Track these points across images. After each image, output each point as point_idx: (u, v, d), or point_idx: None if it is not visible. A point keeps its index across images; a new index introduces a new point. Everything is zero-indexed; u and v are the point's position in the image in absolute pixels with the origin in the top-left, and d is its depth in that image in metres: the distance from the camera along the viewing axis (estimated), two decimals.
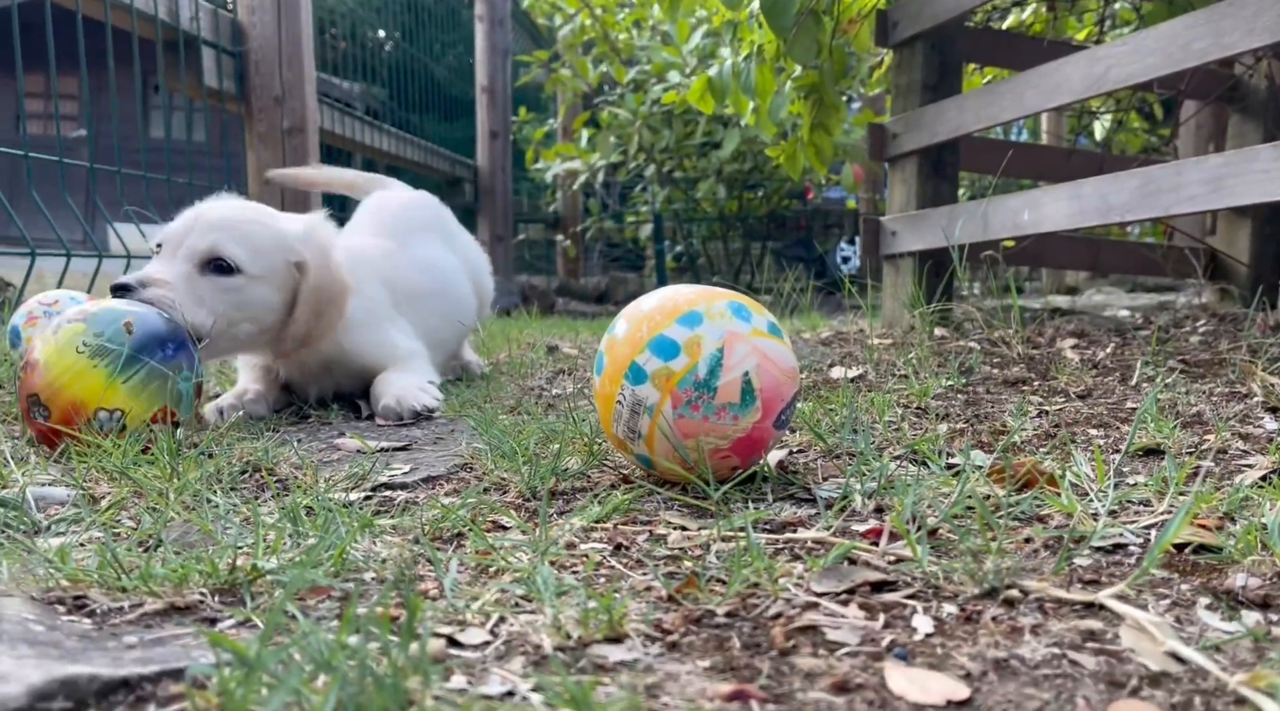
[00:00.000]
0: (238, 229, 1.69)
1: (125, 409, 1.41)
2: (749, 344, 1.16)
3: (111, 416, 1.40)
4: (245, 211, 1.76)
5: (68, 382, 1.40)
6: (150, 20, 3.15)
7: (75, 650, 0.65)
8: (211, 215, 1.70)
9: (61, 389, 1.39)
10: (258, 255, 1.70)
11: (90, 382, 1.40)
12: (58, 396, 1.39)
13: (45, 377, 1.40)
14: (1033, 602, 0.78)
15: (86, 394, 1.40)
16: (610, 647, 0.71)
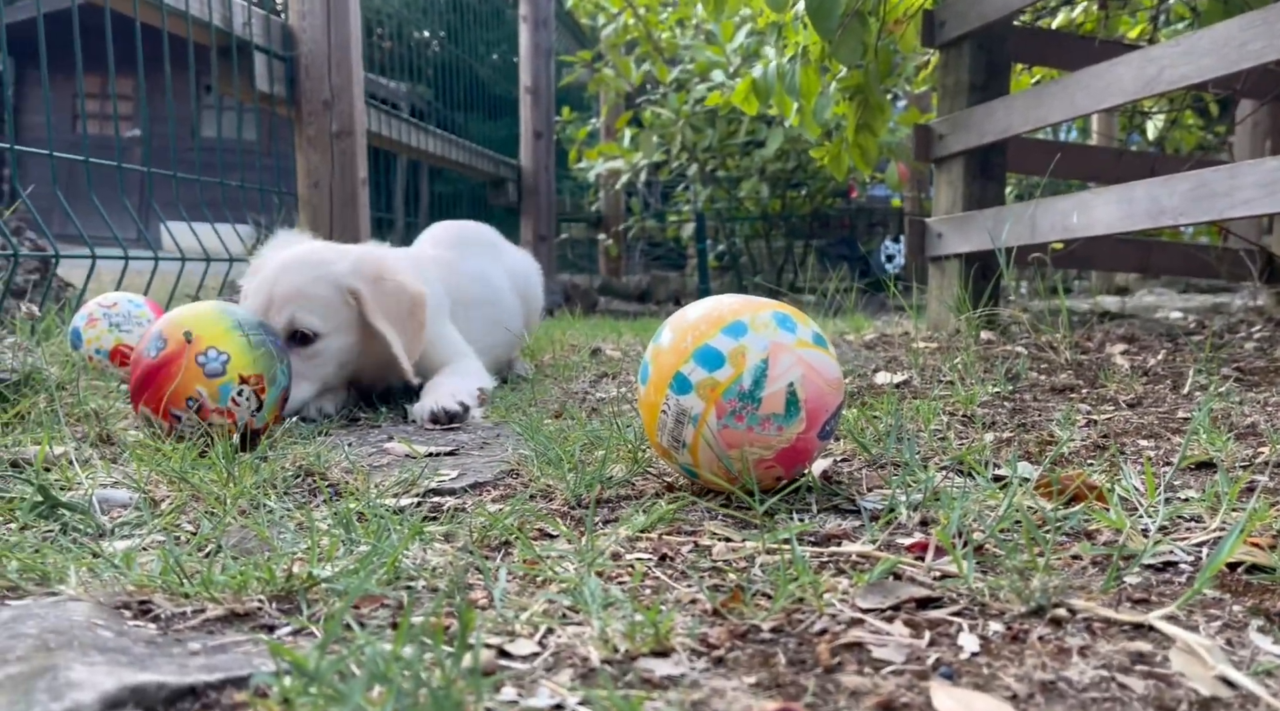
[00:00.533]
0: (306, 295, 1.86)
1: (232, 355, 1.55)
2: (794, 354, 1.16)
3: (219, 356, 1.54)
4: (305, 269, 1.90)
5: (192, 321, 1.57)
6: (205, 26, 3.21)
7: (143, 656, 0.68)
8: (282, 288, 1.86)
9: (184, 324, 1.56)
10: (327, 313, 1.87)
11: (211, 324, 1.58)
12: (178, 330, 1.55)
13: (173, 319, 1.58)
14: (1080, 622, 0.77)
15: (205, 330, 1.56)
16: (657, 661, 0.72)
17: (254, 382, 1.57)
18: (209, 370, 1.53)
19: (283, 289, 1.86)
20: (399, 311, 1.93)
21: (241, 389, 1.55)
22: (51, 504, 1.08)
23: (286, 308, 1.86)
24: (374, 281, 1.92)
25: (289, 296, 1.86)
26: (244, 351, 1.57)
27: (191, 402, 1.50)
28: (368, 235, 3.71)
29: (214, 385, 1.52)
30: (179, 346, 1.53)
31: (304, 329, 1.86)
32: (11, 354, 1.75)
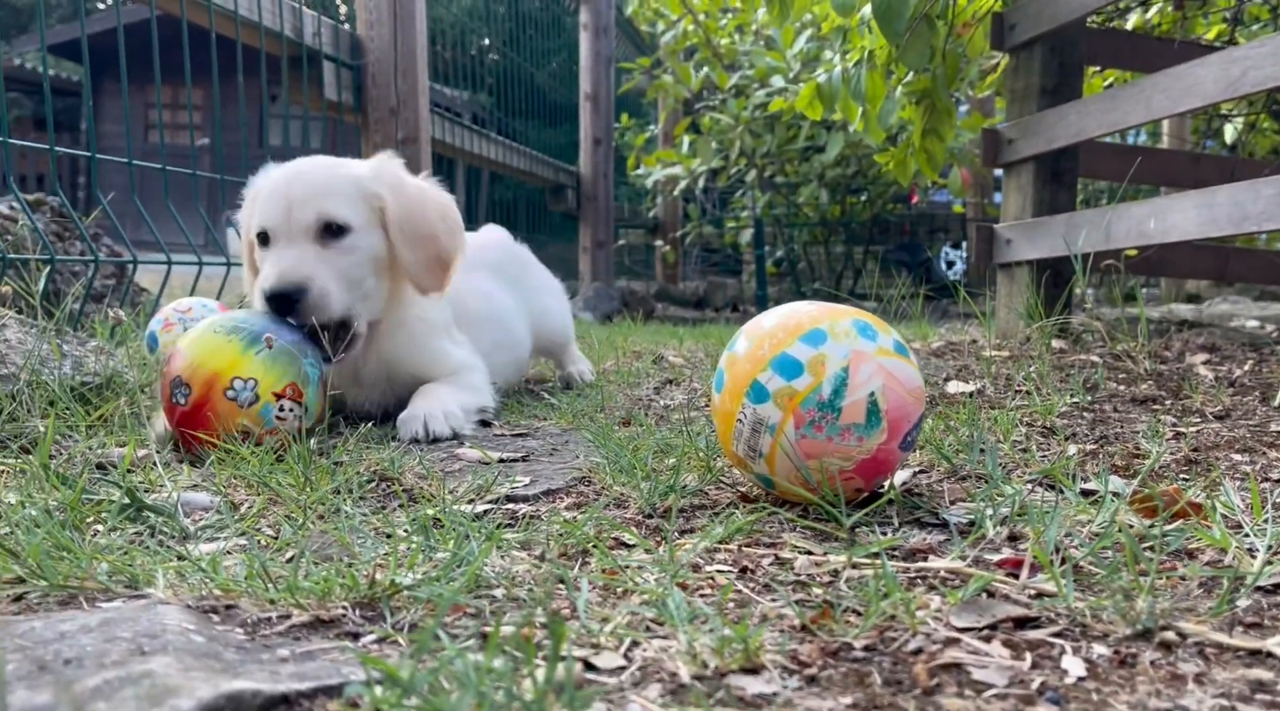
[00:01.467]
0: (331, 187, 1.73)
1: (258, 378, 1.53)
2: (875, 363, 1.13)
3: (246, 385, 1.52)
4: (321, 167, 1.78)
5: (205, 358, 1.53)
6: (276, 36, 3.27)
7: (235, 662, 0.68)
8: (303, 184, 1.73)
9: (200, 364, 1.53)
10: (355, 204, 1.74)
11: (226, 354, 1.53)
12: (197, 372, 1.52)
13: (186, 358, 1.54)
14: (1192, 647, 0.74)
15: (222, 364, 1.52)
16: (747, 678, 0.70)
17: (290, 393, 1.55)
18: (242, 401, 1.51)
19: (303, 186, 1.72)
20: (425, 221, 1.80)
21: (281, 404, 1.54)
22: (138, 507, 1.09)
23: (311, 203, 1.71)
24: (396, 188, 1.80)
25: (313, 191, 1.72)
26: (267, 368, 1.53)
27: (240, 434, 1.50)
28: None
29: (253, 413, 1.52)
30: (205, 389, 1.50)
31: (336, 220, 1.72)
32: (94, 357, 1.79)
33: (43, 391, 1.58)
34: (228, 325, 1.57)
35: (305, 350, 1.62)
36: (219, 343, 1.54)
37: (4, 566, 0.89)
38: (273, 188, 1.75)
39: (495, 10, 7.47)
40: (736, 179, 7.96)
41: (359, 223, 1.74)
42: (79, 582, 0.88)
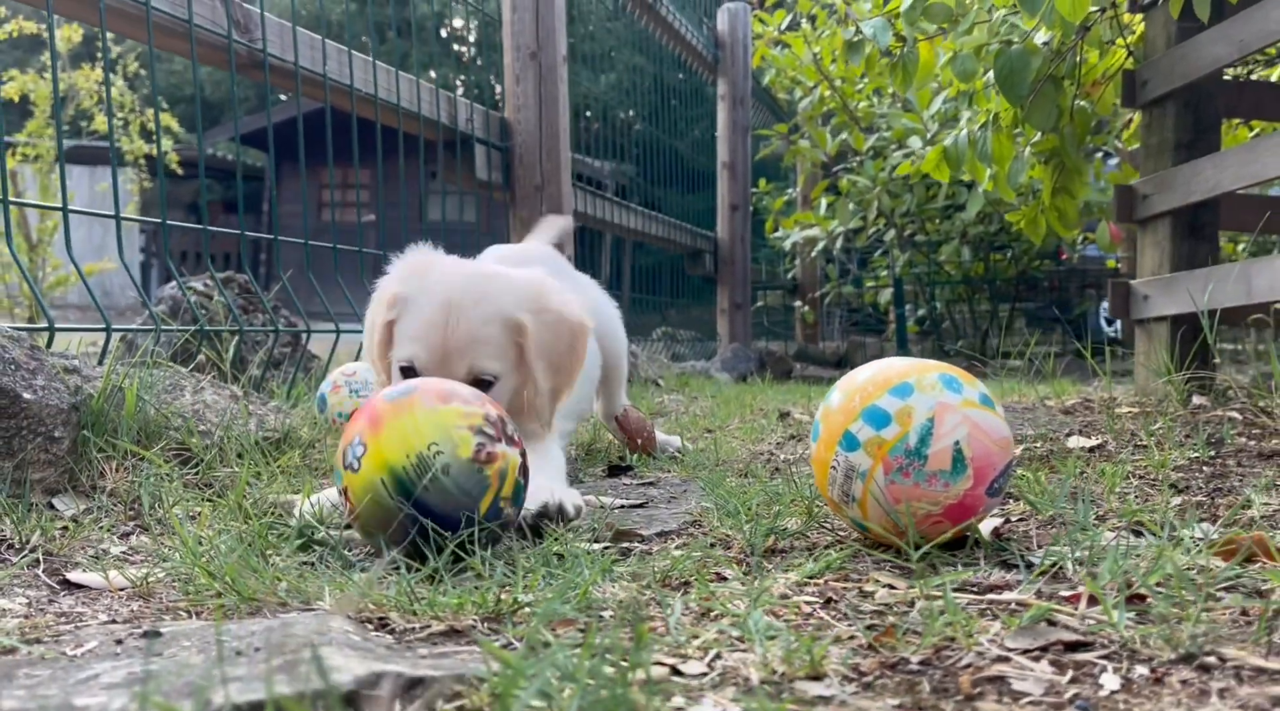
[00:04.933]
0: (482, 338, 1.66)
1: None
2: (960, 414, 1.22)
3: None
4: (477, 308, 1.68)
5: (426, 430, 1.27)
6: (434, 125, 3.60)
7: (384, 655, 0.83)
8: (460, 332, 1.65)
9: (413, 438, 1.27)
10: (502, 354, 1.68)
11: (438, 429, 1.27)
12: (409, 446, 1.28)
13: (397, 430, 1.26)
14: (1229, 669, 0.80)
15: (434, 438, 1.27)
16: (810, 684, 0.81)
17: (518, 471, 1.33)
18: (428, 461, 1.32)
19: (460, 336, 1.65)
20: (556, 348, 1.73)
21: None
22: (309, 541, 1.28)
23: (466, 357, 1.65)
24: (537, 313, 1.71)
25: (468, 343, 1.65)
26: (468, 444, 1.26)
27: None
28: None
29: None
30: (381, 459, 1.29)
31: (486, 376, 1.67)
32: (273, 416, 2.04)
33: (233, 445, 1.82)
34: (422, 400, 1.37)
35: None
36: (421, 422, 1.27)
37: (208, 583, 1.09)
38: (427, 323, 1.67)
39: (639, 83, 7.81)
40: (875, 239, 7.98)
41: (505, 369, 1.68)
42: (264, 597, 1.06)
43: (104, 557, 1.27)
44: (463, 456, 1.22)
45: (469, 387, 1.38)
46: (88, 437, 1.57)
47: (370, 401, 1.32)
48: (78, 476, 1.54)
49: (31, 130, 9.68)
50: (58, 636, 0.95)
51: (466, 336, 1.65)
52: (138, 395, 1.71)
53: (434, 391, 1.30)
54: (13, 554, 1.27)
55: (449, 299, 1.68)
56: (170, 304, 3.06)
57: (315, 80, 3.01)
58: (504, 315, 1.69)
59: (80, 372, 1.69)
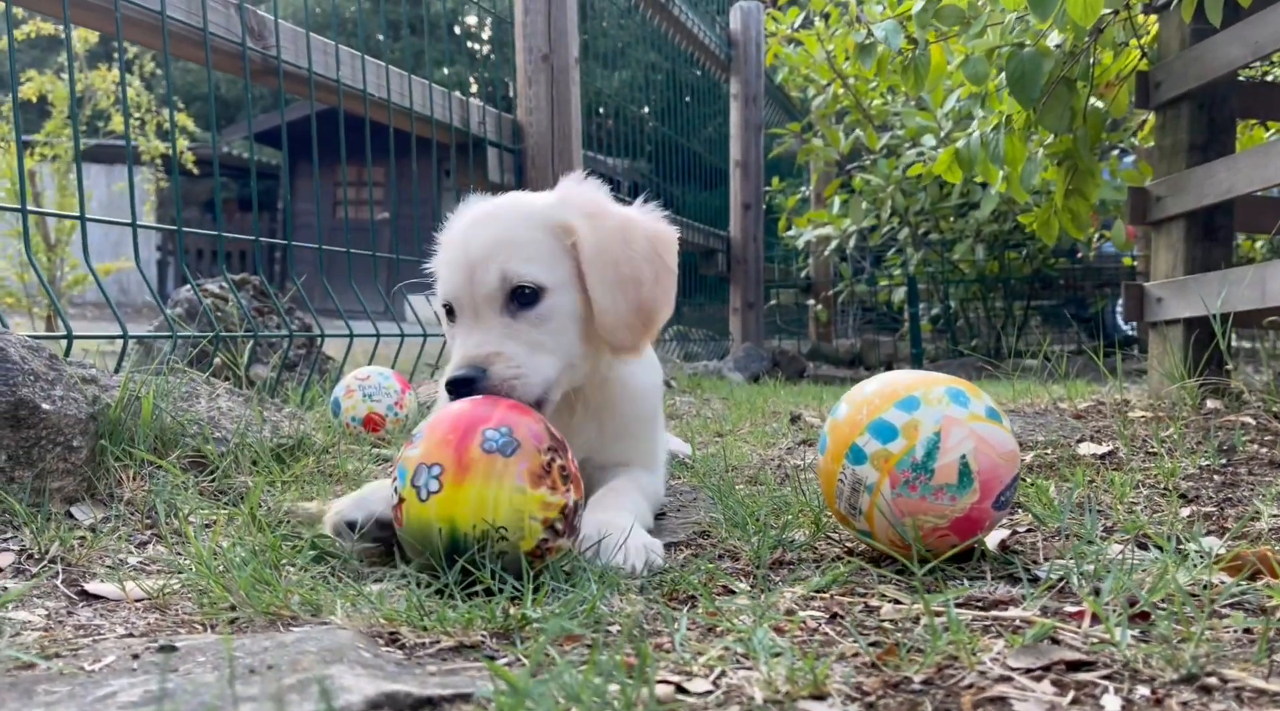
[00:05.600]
0: (514, 236, 1.43)
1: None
2: (966, 428, 1.23)
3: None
4: (503, 209, 1.48)
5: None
6: (447, 128, 3.61)
7: (394, 672, 0.84)
8: (483, 238, 1.43)
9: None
10: (546, 254, 1.43)
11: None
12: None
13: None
14: (1230, 691, 0.81)
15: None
16: (813, 703, 0.82)
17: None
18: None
19: (482, 242, 1.42)
20: (628, 255, 1.44)
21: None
22: (322, 553, 1.30)
23: (492, 263, 1.40)
24: (592, 216, 1.45)
25: (493, 246, 1.41)
26: (534, 539, 1.19)
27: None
28: None
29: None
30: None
31: (525, 282, 1.39)
32: (288, 422, 2.06)
33: (248, 452, 1.84)
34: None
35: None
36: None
37: (222, 596, 1.11)
38: (449, 244, 1.48)
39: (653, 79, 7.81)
40: (889, 237, 7.96)
41: (554, 280, 1.42)
42: (277, 610, 1.08)
43: (121, 568, 1.29)
44: (523, 549, 1.17)
45: (568, 457, 1.23)
46: (105, 446, 1.60)
47: (476, 421, 1.20)
48: (95, 485, 1.56)
49: (49, 130, 9.75)
50: (76, 650, 0.96)
51: (492, 239, 1.42)
52: (154, 403, 1.73)
53: (529, 468, 1.18)
54: (32, 564, 1.29)
55: (476, 214, 1.49)
56: (186, 306, 3.09)
57: (329, 86, 3.03)
58: (544, 216, 1.45)
59: (98, 382, 1.71)
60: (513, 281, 1.40)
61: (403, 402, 2.54)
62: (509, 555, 1.16)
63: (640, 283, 1.45)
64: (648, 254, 1.47)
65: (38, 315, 9.65)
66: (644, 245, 1.47)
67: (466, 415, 1.22)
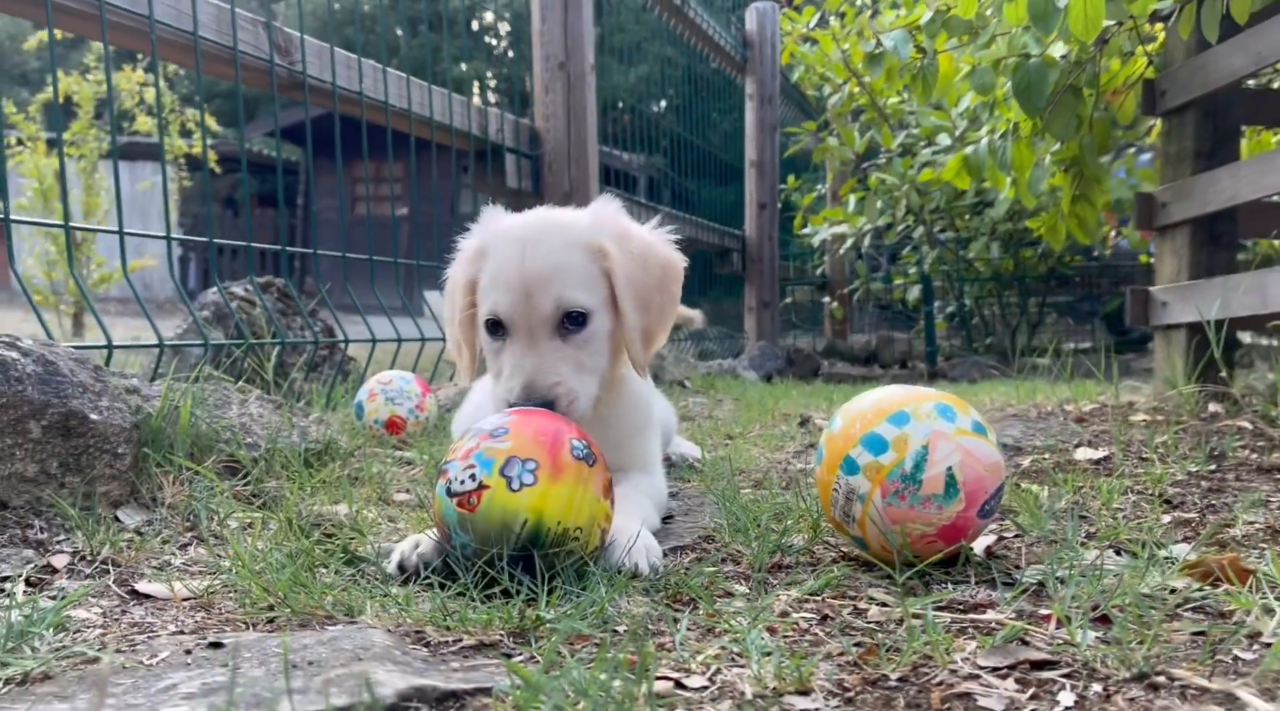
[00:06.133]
0: (568, 265, 1.53)
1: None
2: (953, 442, 1.31)
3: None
4: (554, 233, 1.56)
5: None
6: (466, 135, 3.71)
7: (421, 668, 0.94)
8: (540, 264, 1.52)
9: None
10: (591, 280, 1.55)
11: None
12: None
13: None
14: (1176, 689, 0.89)
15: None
16: (798, 698, 0.91)
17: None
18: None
19: (540, 267, 1.51)
20: (645, 282, 1.57)
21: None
22: (352, 557, 1.40)
23: (550, 288, 1.51)
24: (620, 238, 1.57)
25: (550, 272, 1.51)
26: (596, 540, 1.33)
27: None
28: None
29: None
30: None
31: (577, 308, 1.52)
32: (315, 427, 2.16)
33: (278, 457, 1.95)
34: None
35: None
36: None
37: (262, 596, 1.21)
38: (503, 263, 1.55)
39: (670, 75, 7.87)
40: (904, 235, 8.01)
41: (596, 302, 1.54)
42: (312, 610, 1.18)
43: (167, 569, 1.39)
44: (588, 548, 1.29)
45: (606, 475, 1.35)
46: (147, 453, 1.70)
47: (561, 430, 1.32)
48: (139, 489, 1.66)
49: (75, 130, 9.92)
50: (133, 645, 1.06)
51: (547, 266, 1.52)
52: (191, 411, 1.84)
53: (602, 480, 1.33)
54: (84, 565, 1.39)
55: (525, 235, 1.56)
56: (213, 309, 3.21)
57: (352, 98, 3.13)
58: (584, 240, 1.55)
59: (140, 392, 1.82)
60: (565, 307, 1.52)
61: (424, 405, 2.65)
62: (577, 555, 1.27)
63: (649, 309, 1.59)
64: (659, 282, 1.61)
65: (64, 311, 9.84)
66: (657, 273, 1.61)
67: (549, 423, 1.34)
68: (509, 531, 1.24)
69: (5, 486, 1.48)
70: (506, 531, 1.24)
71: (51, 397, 1.53)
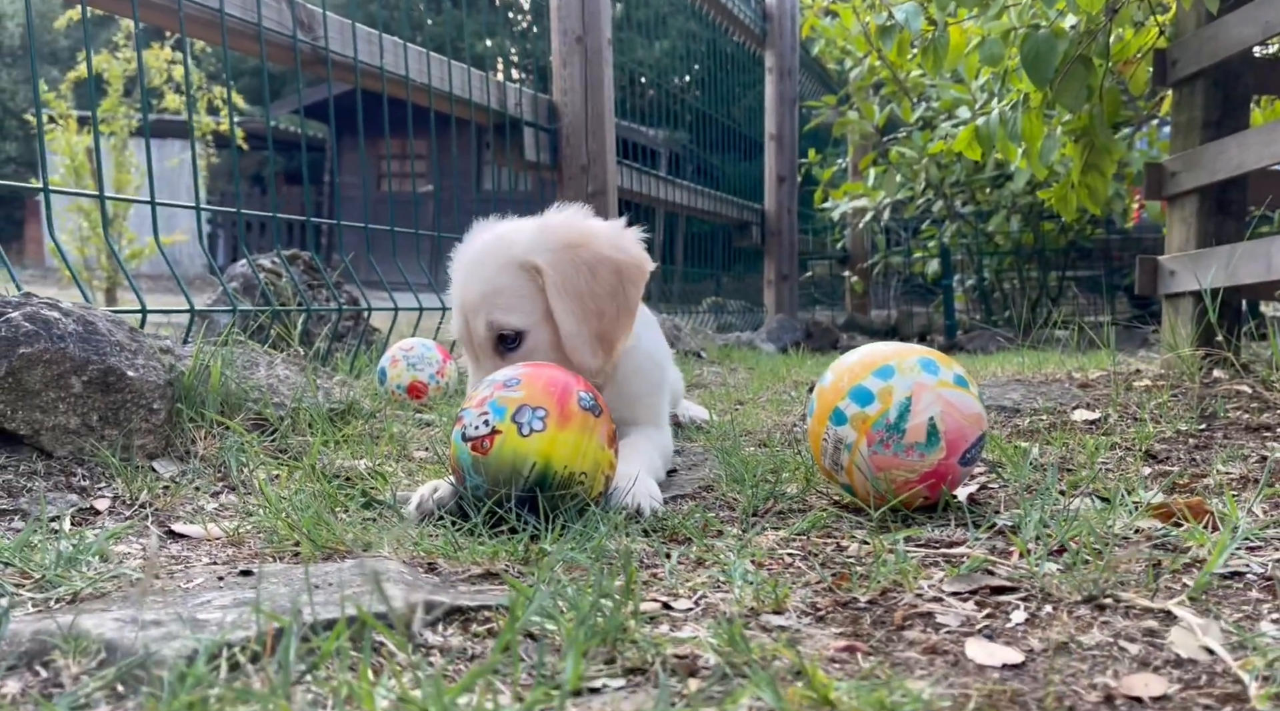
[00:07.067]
0: (497, 286, 1.62)
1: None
2: (934, 393, 1.39)
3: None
4: (489, 257, 1.65)
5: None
6: (485, 110, 3.79)
7: (431, 590, 1.03)
8: (473, 290, 1.64)
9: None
10: (523, 297, 1.62)
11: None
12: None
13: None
14: (1121, 608, 0.97)
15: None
16: (775, 617, 0.99)
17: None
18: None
19: (473, 291, 1.64)
20: (592, 289, 1.60)
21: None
22: (371, 501, 1.49)
23: (481, 312, 1.62)
24: (562, 250, 1.61)
25: (482, 297, 1.63)
26: (599, 486, 1.43)
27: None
28: None
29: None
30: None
31: (506, 330, 1.62)
32: (339, 389, 2.26)
33: (304, 415, 2.05)
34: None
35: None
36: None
37: (288, 534, 1.30)
38: (454, 288, 1.70)
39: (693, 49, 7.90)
40: (924, 209, 8.02)
41: (530, 321, 1.62)
42: (333, 546, 1.27)
43: (200, 513, 1.49)
44: (591, 493, 1.40)
45: (611, 426, 1.45)
46: (181, 409, 1.81)
47: (569, 383, 1.41)
48: (173, 443, 1.77)
49: (105, 108, 10.08)
50: (171, 574, 1.17)
51: (479, 291, 1.62)
52: (221, 371, 1.94)
53: (607, 431, 1.43)
54: (124, 508, 1.50)
55: (468, 260, 1.67)
56: (242, 281, 3.32)
57: (373, 73, 3.22)
58: (517, 260, 1.62)
59: (173, 352, 1.92)
60: (497, 329, 1.63)
61: (444, 371, 2.74)
62: (579, 497, 1.38)
63: (602, 315, 1.64)
64: (612, 288, 1.65)
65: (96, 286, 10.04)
66: (610, 280, 1.64)
67: (559, 376, 1.43)
68: (518, 474, 1.34)
69: (50, 437, 1.58)
70: (516, 473, 1.34)
71: (91, 355, 1.63)
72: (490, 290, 1.63)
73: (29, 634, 0.85)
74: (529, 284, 1.63)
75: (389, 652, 0.88)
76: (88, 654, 0.81)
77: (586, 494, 1.39)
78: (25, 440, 1.57)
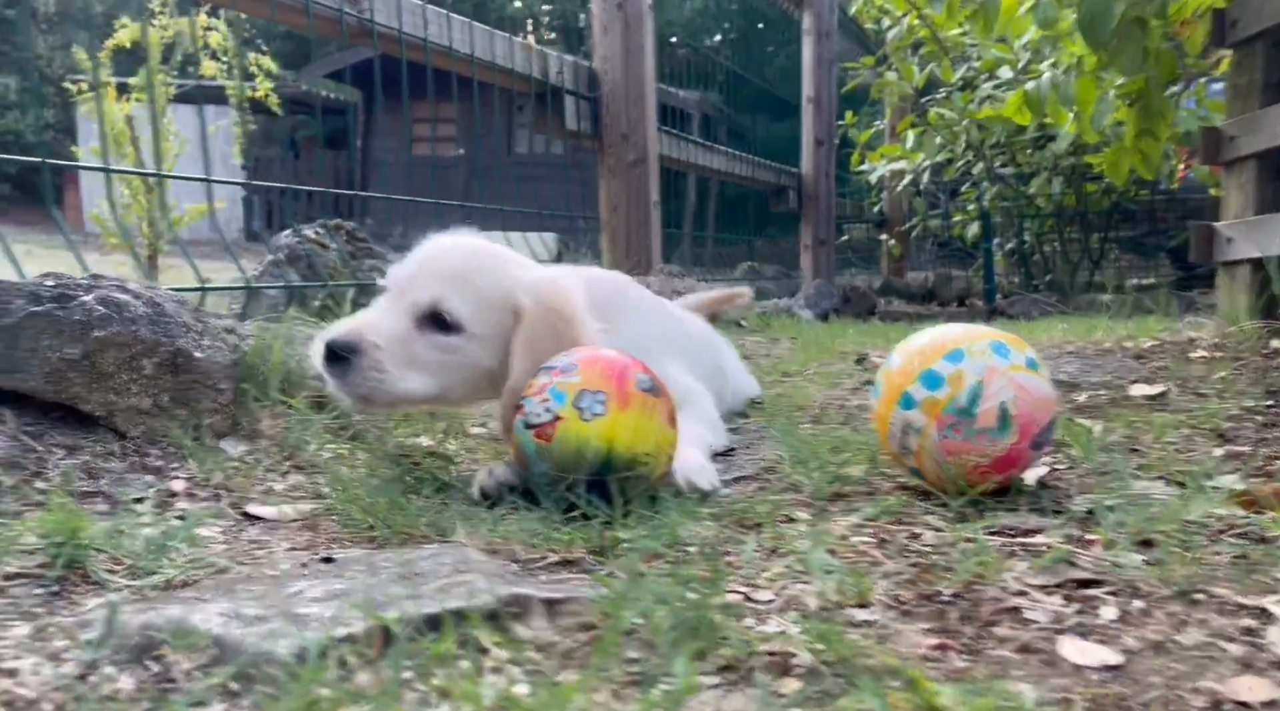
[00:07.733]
0: (466, 281, 1.55)
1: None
2: (1006, 377, 1.37)
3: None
4: (477, 258, 1.61)
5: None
6: (527, 78, 3.76)
7: (514, 580, 1.04)
8: (440, 263, 1.57)
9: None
10: (482, 312, 1.54)
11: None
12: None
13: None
14: (1214, 604, 0.96)
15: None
16: (858, 610, 0.99)
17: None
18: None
19: (436, 266, 1.56)
20: (544, 348, 1.51)
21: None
22: (443, 484, 1.51)
23: (433, 285, 1.53)
24: (548, 310, 1.55)
25: (445, 275, 1.54)
26: (663, 467, 1.46)
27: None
28: (658, 254, 4.14)
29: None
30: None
31: (448, 314, 1.51)
32: None
33: None
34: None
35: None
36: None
37: (363, 518, 1.32)
38: (407, 262, 1.61)
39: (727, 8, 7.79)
40: (964, 172, 7.90)
41: (476, 330, 1.54)
42: (409, 531, 1.29)
43: (273, 494, 1.52)
44: (655, 474, 1.42)
45: (670, 405, 1.46)
46: (246, 389, 1.83)
47: (627, 365, 1.43)
48: (239, 422, 1.79)
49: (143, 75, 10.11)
50: (255, 559, 1.19)
51: (445, 270, 1.55)
52: (282, 350, 1.96)
53: (667, 411, 1.44)
54: (198, 489, 1.52)
55: (450, 243, 1.64)
56: (287, 252, 3.33)
57: (417, 44, 3.20)
58: (508, 284, 1.57)
59: (236, 331, 1.94)
60: (437, 309, 1.52)
61: None
62: (645, 479, 1.39)
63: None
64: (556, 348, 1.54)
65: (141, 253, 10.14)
66: (560, 340, 1.54)
67: (616, 359, 1.45)
68: (583, 458, 1.36)
69: (124, 418, 1.61)
70: (580, 458, 1.36)
71: (161, 336, 1.65)
72: (457, 275, 1.55)
73: (136, 626, 0.87)
74: (500, 307, 1.55)
75: (481, 647, 0.89)
76: (197, 649, 0.83)
77: (650, 474, 1.41)
78: (100, 421, 1.60)
